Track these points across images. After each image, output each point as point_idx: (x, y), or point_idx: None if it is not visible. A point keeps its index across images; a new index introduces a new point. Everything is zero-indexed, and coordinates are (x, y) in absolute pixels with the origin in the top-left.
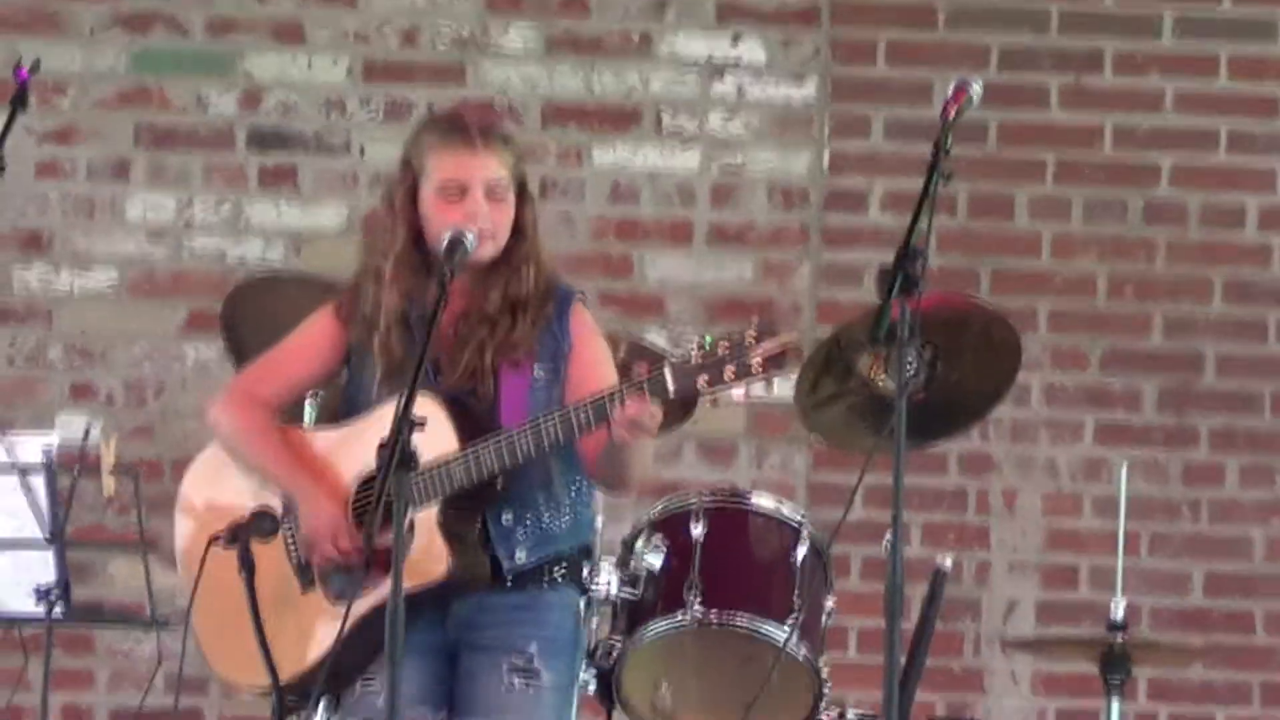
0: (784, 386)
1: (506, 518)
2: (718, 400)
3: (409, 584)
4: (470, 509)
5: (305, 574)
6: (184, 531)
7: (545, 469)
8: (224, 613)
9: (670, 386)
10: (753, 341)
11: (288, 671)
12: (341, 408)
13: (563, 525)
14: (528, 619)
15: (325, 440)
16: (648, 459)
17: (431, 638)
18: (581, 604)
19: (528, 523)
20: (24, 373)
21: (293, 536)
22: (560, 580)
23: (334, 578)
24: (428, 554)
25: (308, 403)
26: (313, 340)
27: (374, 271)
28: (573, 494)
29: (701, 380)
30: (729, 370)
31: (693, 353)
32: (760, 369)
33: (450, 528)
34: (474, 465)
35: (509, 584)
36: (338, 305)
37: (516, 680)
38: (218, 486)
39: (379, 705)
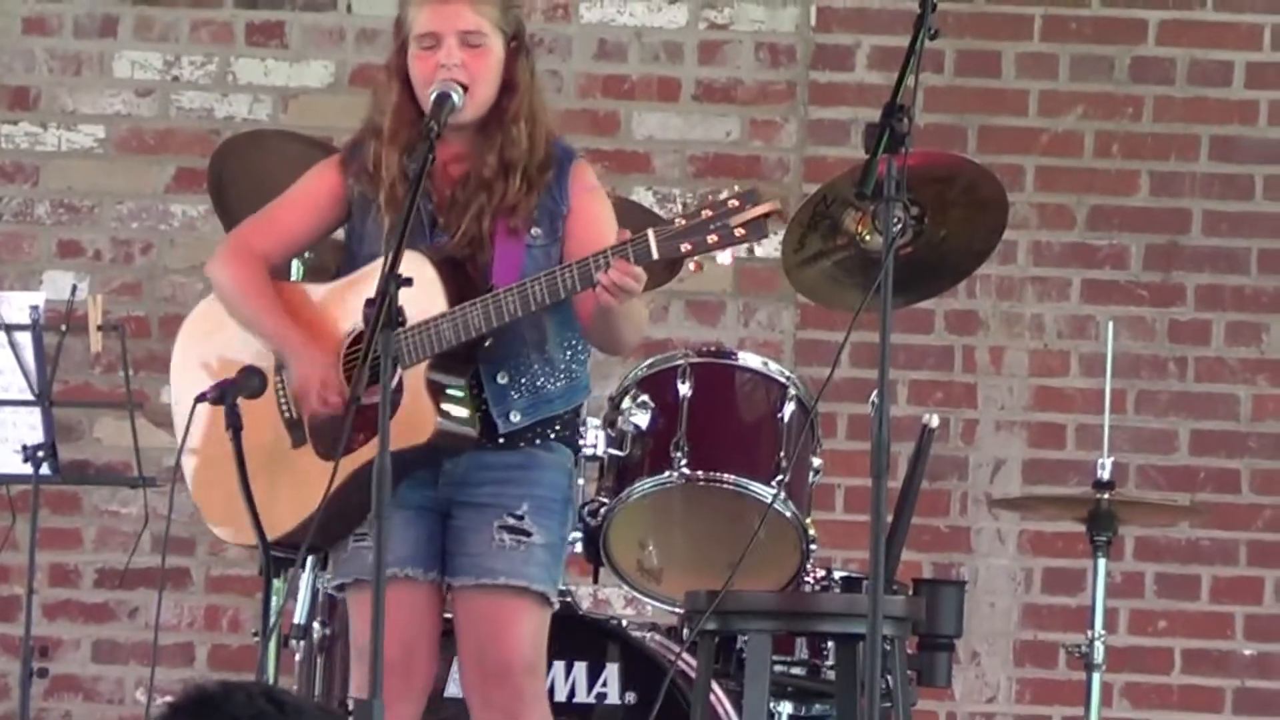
0: (771, 244)
1: (501, 378)
2: (701, 264)
3: (397, 443)
4: (462, 368)
5: (296, 430)
6: (177, 388)
7: (539, 330)
8: (219, 469)
9: (654, 250)
10: (736, 205)
11: (280, 528)
12: (342, 262)
13: (558, 386)
14: (520, 478)
15: (322, 293)
16: (640, 321)
17: (423, 496)
18: (573, 463)
19: (523, 383)
20: (11, 230)
21: (284, 392)
22: (553, 439)
23: (324, 434)
24: (416, 414)
25: (294, 262)
26: (313, 194)
27: (374, 128)
28: (567, 355)
29: (685, 244)
30: (712, 235)
31: (677, 216)
32: (743, 233)
33: (440, 387)
34: (461, 324)
35: (501, 443)
36: (340, 159)
37: (507, 538)
38: (211, 342)
39: (370, 561)
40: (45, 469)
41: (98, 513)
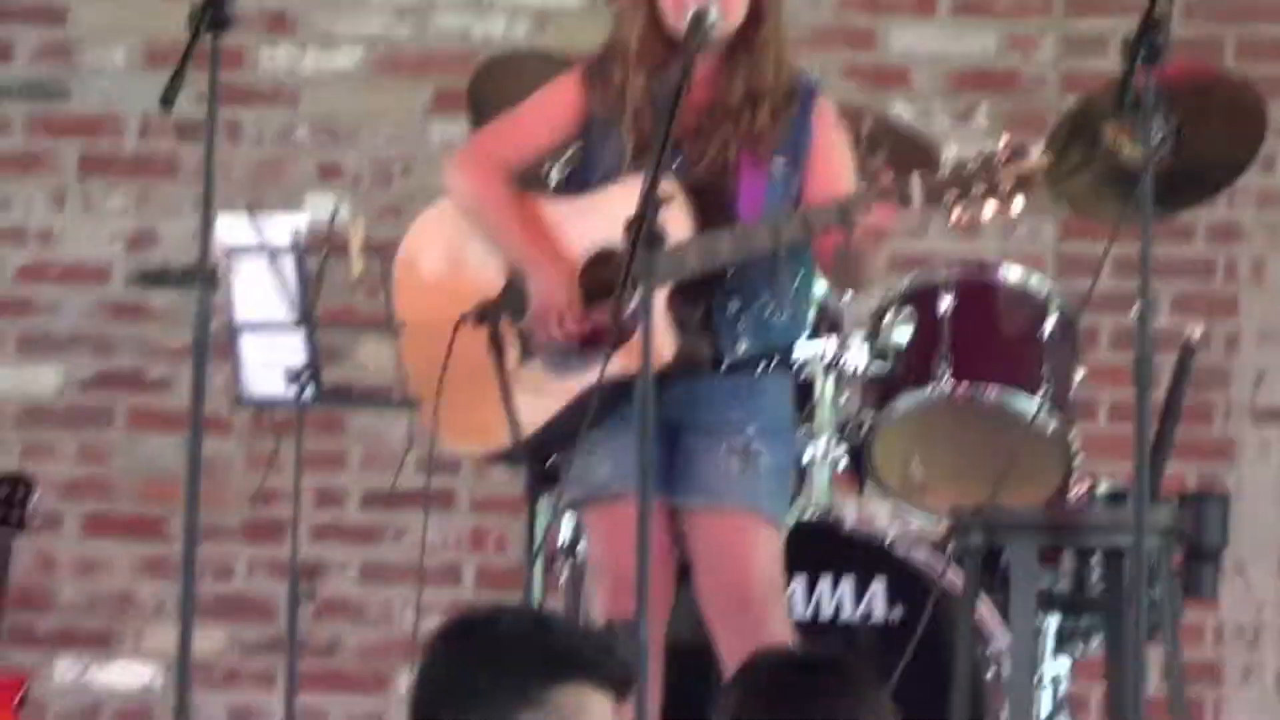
0: (1034, 153)
1: (733, 307)
2: (962, 219)
3: (632, 366)
4: (698, 296)
5: (526, 345)
6: (406, 295)
7: (773, 262)
8: (456, 387)
9: (916, 197)
10: (1006, 160)
11: (534, 424)
12: (574, 180)
13: (783, 320)
14: (746, 402)
15: (558, 212)
16: (881, 262)
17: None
18: (793, 389)
19: (752, 314)
20: (272, 153)
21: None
22: (775, 365)
23: (553, 350)
24: (655, 339)
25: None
26: (555, 105)
27: (620, 49)
28: (795, 289)
29: (949, 195)
30: (979, 186)
31: (945, 166)
32: (1009, 191)
33: (679, 313)
34: (709, 253)
35: (726, 369)
36: (583, 74)
37: (735, 461)
38: (443, 251)
39: (603, 476)
40: (309, 392)
41: (362, 434)
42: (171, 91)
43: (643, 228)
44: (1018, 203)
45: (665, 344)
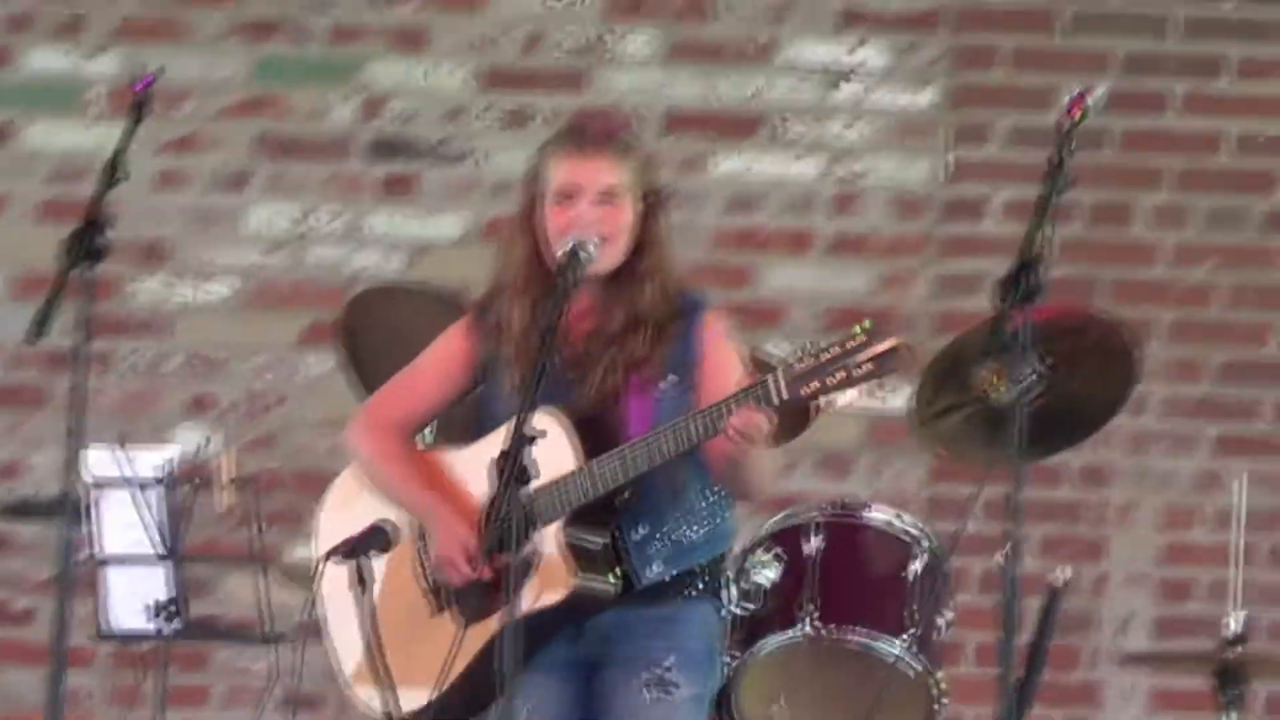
0: (901, 397)
1: (641, 531)
2: (827, 406)
3: (537, 602)
4: (600, 525)
5: (438, 597)
6: (318, 554)
7: (675, 480)
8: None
9: (777, 394)
10: (862, 343)
11: (424, 698)
12: (476, 424)
13: (699, 536)
14: (666, 631)
15: (458, 458)
16: (768, 467)
17: (568, 654)
18: (717, 616)
19: (663, 534)
20: (143, 384)
21: (424, 559)
22: (698, 592)
23: (467, 599)
24: (553, 571)
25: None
26: (444, 360)
27: (502, 286)
28: (708, 503)
29: (809, 387)
30: (837, 375)
31: (800, 359)
32: (868, 373)
33: (577, 543)
34: (594, 480)
35: (647, 596)
36: (468, 323)
37: (654, 692)
38: (351, 510)
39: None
40: (173, 626)
41: (226, 670)
42: (41, 324)
43: (512, 461)
44: (881, 384)
45: (561, 578)
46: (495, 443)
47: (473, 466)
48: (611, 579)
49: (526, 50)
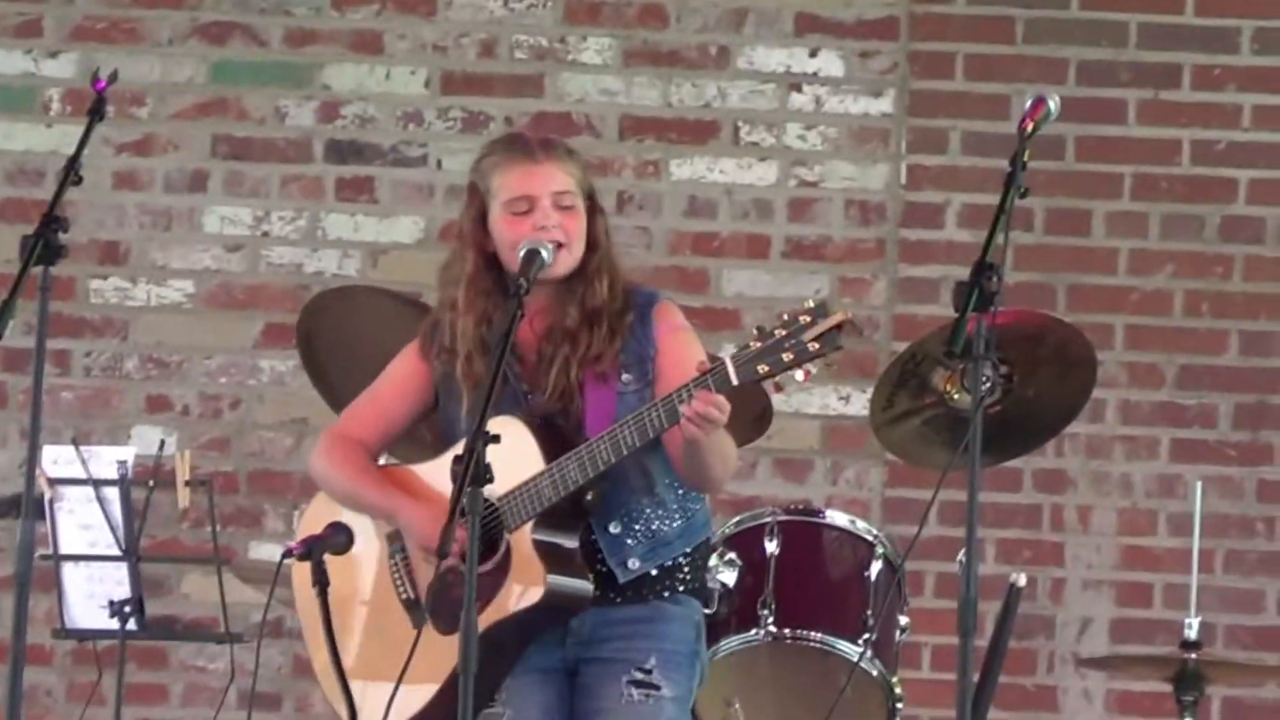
0: (859, 402)
1: (614, 528)
2: (781, 385)
3: (513, 607)
4: (571, 524)
5: (415, 611)
6: (302, 593)
7: (644, 473)
8: (360, 650)
9: (732, 376)
10: (808, 321)
11: (410, 708)
12: (436, 440)
13: (674, 527)
14: (647, 631)
15: (425, 474)
16: (728, 455)
17: (550, 658)
18: (700, 615)
19: (637, 530)
20: (101, 384)
21: (400, 571)
22: (681, 591)
23: (442, 609)
24: (525, 574)
25: None
26: (399, 381)
27: (449, 302)
28: (679, 494)
29: (762, 366)
30: (787, 353)
31: (751, 340)
32: (817, 348)
33: (548, 546)
34: (559, 480)
35: (628, 595)
36: (419, 343)
37: (636, 692)
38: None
39: None
40: (132, 624)
41: (184, 668)
42: (0, 323)
43: (469, 462)
44: (828, 360)
45: (535, 580)
46: (455, 455)
47: (435, 477)
48: (584, 578)
49: (484, 54)
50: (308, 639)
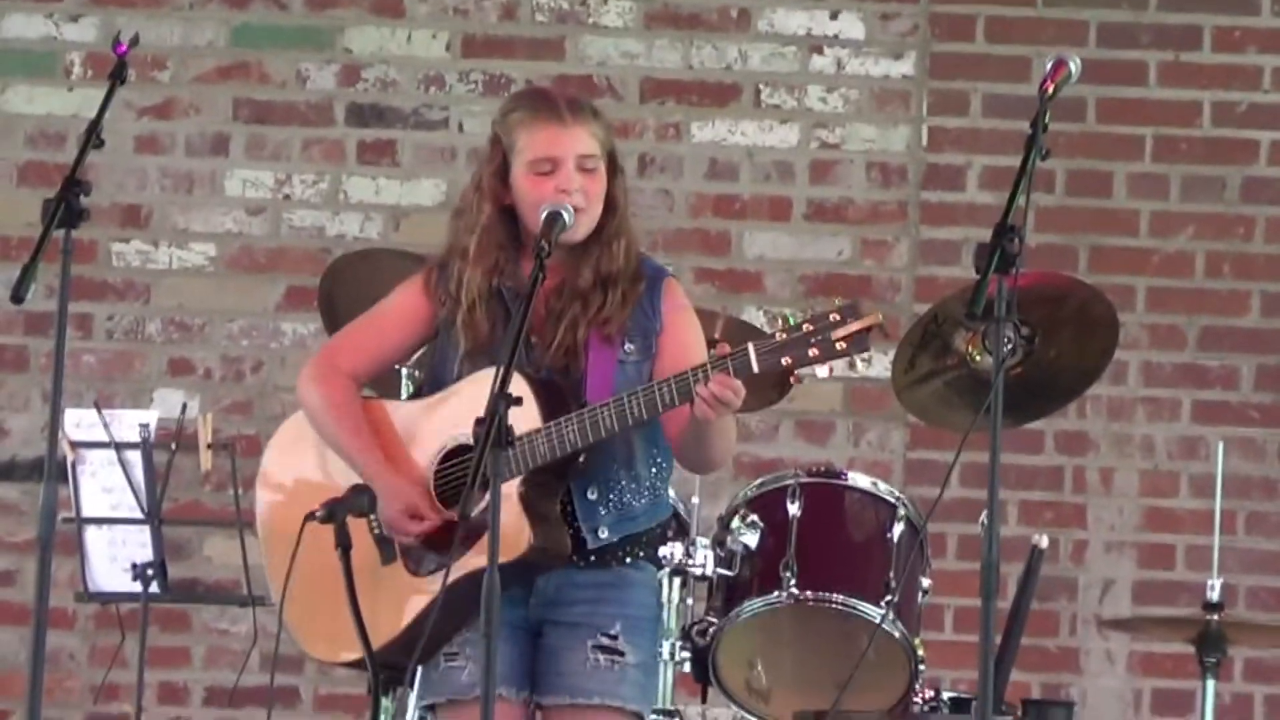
0: (881, 364)
1: (591, 493)
2: (801, 378)
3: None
4: (554, 485)
5: (386, 547)
6: (266, 505)
7: (628, 446)
8: (310, 588)
9: (754, 364)
10: (837, 320)
11: (374, 645)
12: (426, 382)
13: (641, 505)
14: (612, 597)
15: (406, 413)
16: (730, 438)
17: (515, 615)
18: (660, 579)
19: (610, 500)
20: (122, 347)
21: (373, 510)
22: (641, 558)
23: (415, 551)
24: (510, 529)
25: (405, 380)
26: (399, 312)
27: (460, 250)
28: (652, 472)
29: (785, 358)
30: (813, 349)
31: (777, 331)
32: (844, 347)
33: (534, 503)
34: (557, 440)
35: (592, 560)
36: (423, 281)
37: (601, 658)
38: (299, 459)
39: (463, 680)
40: (154, 587)
41: (207, 631)
42: (23, 286)
43: (493, 427)
44: (855, 359)
45: (519, 537)
46: (445, 400)
47: (419, 422)
48: (563, 539)
49: (505, 17)
50: (270, 576)
